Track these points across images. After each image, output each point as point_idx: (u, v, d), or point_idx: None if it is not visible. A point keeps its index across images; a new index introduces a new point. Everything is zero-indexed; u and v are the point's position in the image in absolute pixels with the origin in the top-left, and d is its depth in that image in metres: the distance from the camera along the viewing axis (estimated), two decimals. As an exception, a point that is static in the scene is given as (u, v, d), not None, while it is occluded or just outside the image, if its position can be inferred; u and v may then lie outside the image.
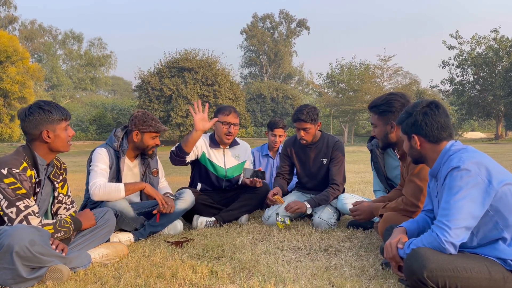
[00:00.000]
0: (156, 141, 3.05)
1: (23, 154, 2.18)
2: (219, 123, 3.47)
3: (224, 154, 3.60)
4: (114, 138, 2.99)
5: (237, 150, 3.68)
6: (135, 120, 2.98)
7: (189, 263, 2.33)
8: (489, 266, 1.67)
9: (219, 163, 3.57)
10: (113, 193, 2.77)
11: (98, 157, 2.89)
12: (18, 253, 1.88)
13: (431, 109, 1.91)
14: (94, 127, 38.87)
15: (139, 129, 2.96)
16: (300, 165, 3.65)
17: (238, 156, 3.67)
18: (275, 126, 4.39)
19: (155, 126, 2.98)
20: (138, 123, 2.96)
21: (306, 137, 3.42)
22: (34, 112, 2.17)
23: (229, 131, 3.46)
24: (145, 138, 2.99)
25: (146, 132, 2.98)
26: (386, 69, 41.29)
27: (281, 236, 3.00)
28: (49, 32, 58.15)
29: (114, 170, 2.95)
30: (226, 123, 3.45)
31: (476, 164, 1.72)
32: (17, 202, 2.07)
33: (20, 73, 26.56)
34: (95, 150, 2.95)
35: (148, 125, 2.96)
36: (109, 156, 2.92)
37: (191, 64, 33.63)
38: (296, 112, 3.40)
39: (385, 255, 1.93)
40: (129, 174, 3.09)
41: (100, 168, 2.85)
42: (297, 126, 3.41)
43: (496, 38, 37.28)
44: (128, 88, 66.78)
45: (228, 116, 3.46)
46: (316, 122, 3.41)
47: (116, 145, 2.96)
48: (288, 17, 62.44)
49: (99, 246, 2.46)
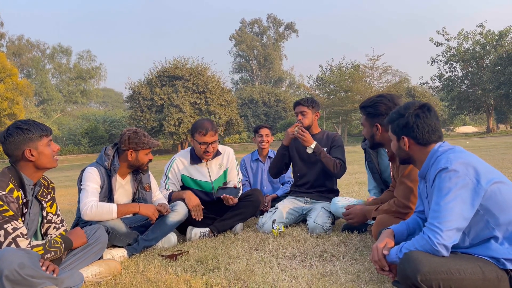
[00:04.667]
0: (149, 157, 3.04)
1: (8, 175, 2.15)
2: (196, 142, 3.38)
3: (208, 167, 3.54)
4: (104, 157, 2.95)
5: (219, 159, 3.60)
6: (128, 139, 2.94)
7: (184, 277, 2.31)
8: (482, 266, 1.66)
9: (203, 178, 3.52)
10: (105, 214, 2.75)
11: (89, 176, 2.85)
12: (7, 277, 1.84)
13: (423, 112, 1.91)
14: (86, 140, 38.64)
15: (133, 147, 2.94)
16: (298, 155, 3.68)
17: (222, 165, 3.61)
18: (260, 127, 4.56)
19: (148, 143, 2.97)
20: (132, 142, 2.93)
21: (303, 121, 3.58)
22: (13, 133, 2.14)
23: (207, 151, 3.38)
24: (139, 155, 2.98)
25: (140, 150, 2.96)
26: (375, 68, 41.56)
27: (276, 243, 2.98)
28: (37, 47, 57.95)
29: (106, 188, 2.91)
30: (204, 143, 3.35)
31: (463, 164, 1.72)
32: (5, 224, 2.03)
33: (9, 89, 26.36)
34: (86, 169, 2.91)
35: (141, 142, 2.94)
36: (100, 175, 2.88)
37: (181, 72, 33.60)
38: (298, 100, 3.69)
39: (371, 257, 1.93)
40: (121, 192, 3.06)
41: (91, 187, 2.81)
42: (296, 110, 3.64)
43: (482, 32, 37.73)
44: (119, 99, 66.71)
45: (205, 136, 3.32)
46: (314, 109, 3.64)
47: (107, 164, 2.93)
48: (276, 21, 62.79)
49: (92, 264, 2.42)
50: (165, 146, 38.79)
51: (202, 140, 3.34)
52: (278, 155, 3.70)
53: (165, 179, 3.51)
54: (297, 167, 3.72)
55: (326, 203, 3.51)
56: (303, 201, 3.63)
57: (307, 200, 3.63)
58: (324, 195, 3.62)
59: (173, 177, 3.50)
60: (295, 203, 3.63)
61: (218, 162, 3.60)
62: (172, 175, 3.51)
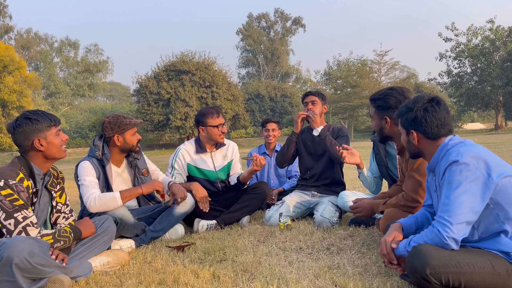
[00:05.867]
0: (137, 136, 3.06)
1: (19, 165, 2.17)
2: (210, 128, 3.48)
3: (212, 157, 3.61)
4: (94, 148, 2.97)
5: (224, 150, 3.69)
6: (109, 125, 2.97)
7: (191, 268, 2.32)
8: (492, 260, 1.65)
9: (208, 167, 3.58)
10: (110, 202, 2.76)
11: (84, 171, 2.86)
12: (17, 265, 1.86)
13: (432, 106, 1.88)
14: (94, 133, 38.86)
15: (117, 132, 2.96)
16: (305, 149, 3.71)
17: (226, 156, 3.69)
18: (267, 121, 4.59)
19: (130, 123, 2.99)
20: (114, 127, 2.95)
21: (313, 109, 3.63)
22: (22, 123, 2.16)
23: (222, 132, 3.51)
24: (126, 137, 3.00)
25: (125, 131, 2.98)
26: (383, 64, 41.29)
27: (283, 236, 2.98)
28: (45, 40, 58.16)
29: (103, 179, 2.93)
30: (220, 125, 3.49)
31: (474, 157, 1.70)
32: (15, 213, 2.06)
33: (18, 82, 26.52)
34: (79, 165, 2.90)
35: (124, 124, 2.97)
36: (94, 167, 2.90)
37: (188, 66, 33.57)
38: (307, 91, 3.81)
39: (379, 251, 1.92)
40: (119, 180, 3.08)
41: (88, 181, 2.82)
42: (306, 100, 3.69)
43: (492, 28, 37.25)
44: (126, 93, 66.80)
45: (218, 118, 3.49)
46: (323, 101, 3.71)
47: (98, 154, 2.94)
48: (284, 16, 62.45)
49: (100, 254, 2.45)
50: (172, 140, 38.90)
51: (217, 122, 3.49)
52: (288, 143, 3.74)
53: (171, 170, 3.53)
54: (304, 160, 3.74)
55: (333, 197, 3.51)
56: (310, 195, 3.63)
57: (314, 194, 3.63)
58: (331, 188, 3.62)
59: (179, 168, 3.54)
60: (302, 196, 3.63)
61: (223, 153, 3.67)
62: (178, 165, 3.54)
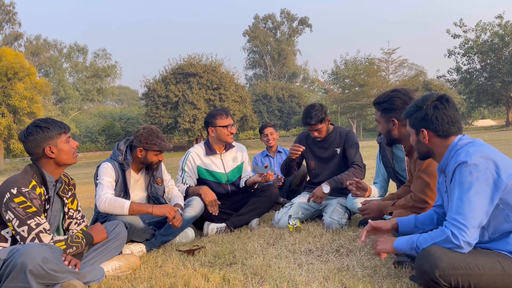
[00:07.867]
0: (159, 158, 3.08)
1: (31, 172, 2.21)
2: (220, 128, 3.51)
3: (222, 159, 3.64)
4: (117, 152, 3.02)
5: (233, 152, 3.72)
6: (140, 137, 3.00)
7: (201, 272, 2.34)
8: (502, 261, 1.65)
9: (218, 169, 3.61)
10: (118, 209, 2.80)
11: (104, 171, 2.94)
12: (31, 272, 1.89)
13: (441, 103, 1.87)
14: (103, 137, 39.19)
15: (144, 146, 2.99)
16: (312, 155, 3.69)
17: (236, 158, 3.72)
18: (264, 127, 4.84)
19: (159, 145, 3.01)
20: (143, 140, 2.99)
21: (320, 135, 3.55)
22: (32, 132, 2.20)
23: (231, 132, 3.54)
24: (148, 155, 3.03)
25: (150, 150, 3.01)
26: (391, 62, 41.01)
27: (292, 238, 2.99)
28: (54, 46, 58.80)
29: (121, 183, 2.98)
30: (229, 125, 3.52)
31: (483, 158, 1.69)
32: (28, 220, 2.10)
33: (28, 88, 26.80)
34: (101, 165, 2.99)
35: (152, 143, 2.99)
36: (114, 170, 2.96)
37: (196, 69, 33.69)
38: (304, 117, 3.50)
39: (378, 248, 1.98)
40: (135, 186, 3.12)
41: (106, 181, 2.89)
42: (309, 129, 3.54)
43: (500, 24, 36.79)
44: (135, 96, 67.29)
45: (226, 118, 3.53)
46: (325, 120, 3.51)
47: (121, 159, 2.99)
48: (290, 16, 62.35)
49: (112, 259, 2.48)
50: (180, 142, 39.04)
51: (226, 123, 3.52)
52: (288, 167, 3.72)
53: (182, 173, 3.56)
54: (312, 166, 3.73)
55: (342, 199, 3.50)
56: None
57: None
58: (339, 190, 3.61)
59: (190, 170, 3.57)
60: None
61: (232, 155, 3.70)
62: (189, 168, 3.57)
